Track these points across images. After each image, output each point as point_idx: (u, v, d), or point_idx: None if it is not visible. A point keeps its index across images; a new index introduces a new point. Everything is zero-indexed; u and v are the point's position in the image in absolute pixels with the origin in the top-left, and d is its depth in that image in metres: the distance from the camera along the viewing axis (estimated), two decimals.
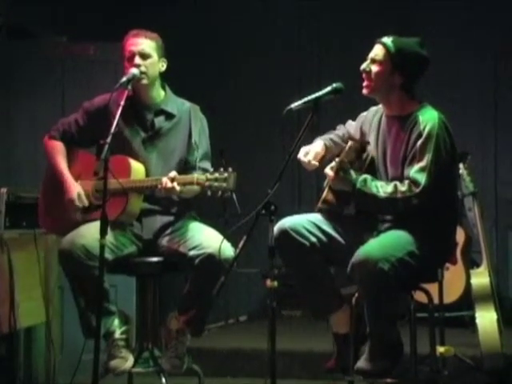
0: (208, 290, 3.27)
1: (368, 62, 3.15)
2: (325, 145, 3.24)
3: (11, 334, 3.66)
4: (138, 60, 3.42)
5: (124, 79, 3.24)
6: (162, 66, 3.50)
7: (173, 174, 3.25)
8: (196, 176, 3.21)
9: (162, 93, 3.54)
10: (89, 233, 3.25)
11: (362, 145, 3.21)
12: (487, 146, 5.62)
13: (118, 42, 5.10)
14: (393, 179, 3.12)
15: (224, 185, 3.14)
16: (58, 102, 5.09)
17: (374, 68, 3.13)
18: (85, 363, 3.20)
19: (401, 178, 3.09)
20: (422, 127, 3.07)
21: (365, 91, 3.17)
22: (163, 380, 3.36)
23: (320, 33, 5.89)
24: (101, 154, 3.07)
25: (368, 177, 3.08)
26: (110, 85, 3.40)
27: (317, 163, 3.17)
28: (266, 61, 5.87)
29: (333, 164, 3.14)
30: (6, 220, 3.62)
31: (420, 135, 3.06)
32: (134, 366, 3.38)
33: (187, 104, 3.57)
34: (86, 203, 3.39)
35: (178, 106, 3.55)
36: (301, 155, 3.17)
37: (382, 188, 3.04)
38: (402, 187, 3.02)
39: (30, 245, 3.73)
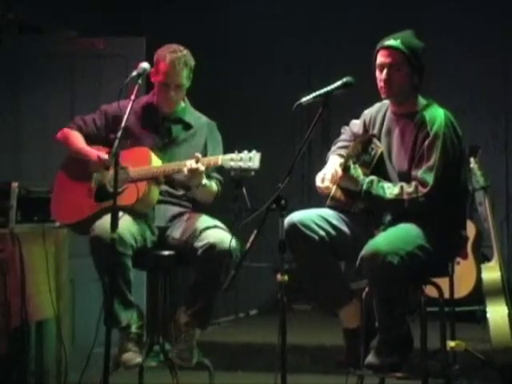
0: (212, 281, 3.30)
1: (386, 70, 3.10)
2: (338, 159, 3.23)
3: (23, 328, 3.67)
4: (173, 93, 3.46)
5: (134, 74, 3.23)
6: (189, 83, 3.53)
7: (198, 154, 3.28)
8: (221, 157, 3.26)
9: (182, 103, 3.58)
10: (121, 221, 3.24)
11: (368, 137, 3.20)
12: (498, 141, 5.60)
13: (128, 36, 5.14)
14: (400, 174, 3.13)
15: (250, 164, 3.18)
16: (68, 97, 5.10)
17: (395, 74, 3.10)
18: (95, 356, 3.21)
19: (408, 174, 3.09)
20: (429, 127, 3.07)
21: (385, 96, 3.16)
22: (174, 374, 3.37)
23: (329, 28, 5.87)
24: (111, 149, 3.08)
25: (375, 178, 3.08)
26: (119, 79, 3.41)
27: (332, 185, 3.14)
28: (275, 55, 5.86)
29: (341, 161, 3.14)
30: (17, 214, 3.63)
31: (427, 135, 3.06)
32: (144, 359, 3.40)
33: (204, 119, 3.63)
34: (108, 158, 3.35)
35: (196, 118, 3.60)
36: (318, 182, 3.17)
37: (389, 189, 3.04)
38: (409, 188, 3.02)
39: (41, 239, 3.74)
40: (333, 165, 3.22)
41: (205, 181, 3.38)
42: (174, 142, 3.53)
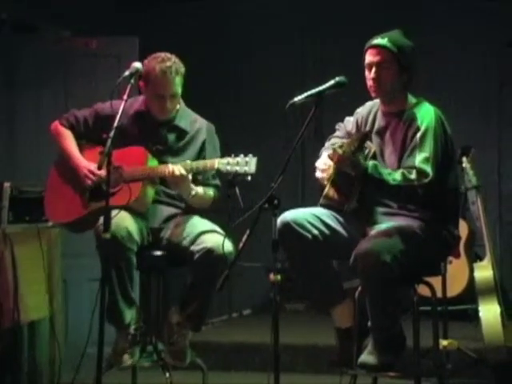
0: (207, 285, 3.30)
1: (374, 68, 3.11)
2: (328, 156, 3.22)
3: (15, 328, 3.67)
4: (169, 104, 3.44)
5: (126, 73, 3.21)
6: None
7: (182, 171, 3.29)
8: (218, 160, 3.27)
9: (177, 106, 3.53)
10: (128, 218, 3.29)
11: (365, 134, 3.19)
12: (491, 141, 5.60)
13: (121, 36, 5.14)
14: (404, 159, 3.10)
15: (246, 168, 3.19)
16: (61, 97, 5.09)
17: (383, 73, 3.11)
18: (88, 356, 3.20)
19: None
20: (419, 122, 3.07)
21: (374, 95, 3.17)
22: (167, 374, 3.37)
23: (325, 27, 5.87)
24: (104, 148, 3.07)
25: (377, 163, 3.06)
26: (112, 79, 3.40)
27: (324, 175, 3.17)
28: (269, 56, 5.86)
29: (335, 146, 3.12)
30: (9, 214, 3.63)
31: (418, 129, 3.06)
32: (138, 360, 3.40)
33: (200, 122, 3.58)
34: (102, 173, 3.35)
35: (191, 122, 3.56)
36: (318, 174, 3.20)
37: (391, 175, 3.01)
38: (411, 175, 2.99)
39: (34, 239, 3.74)
40: (323, 157, 3.21)
41: (194, 191, 3.39)
42: (168, 151, 3.50)
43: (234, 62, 5.84)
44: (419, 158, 3.01)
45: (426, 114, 3.09)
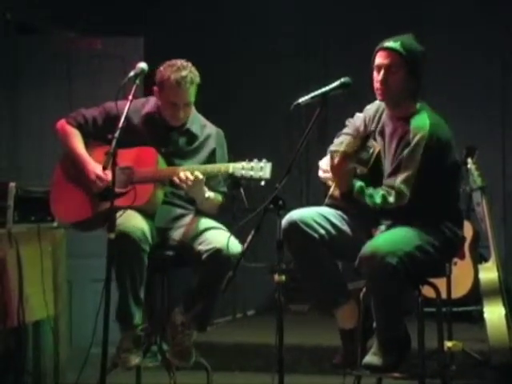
0: (214, 286, 3.30)
1: (383, 71, 3.09)
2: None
3: (20, 328, 3.67)
4: (182, 113, 3.44)
5: (132, 74, 3.21)
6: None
7: (199, 174, 3.29)
8: (232, 165, 3.26)
9: (190, 112, 3.52)
10: (141, 219, 3.30)
11: (367, 134, 3.19)
12: (495, 142, 5.60)
13: (125, 36, 5.15)
14: (388, 174, 3.12)
15: (260, 173, 3.18)
16: (65, 97, 5.10)
17: (391, 76, 3.08)
18: (93, 357, 3.21)
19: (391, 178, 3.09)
20: (411, 135, 3.03)
21: (380, 98, 3.14)
22: (171, 374, 3.37)
23: (325, 28, 5.87)
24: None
25: (363, 185, 3.04)
26: (117, 79, 3.40)
27: (327, 175, 3.19)
28: (274, 56, 5.86)
29: (337, 152, 3.12)
30: (14, 214, 3.63)
31: (408, 144, 3.03)
32: (142, 360, 3.40)
33: (209, 127, 3.58)
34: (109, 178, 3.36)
35: (201, 127, 3.56)
36: (320, 174, 3.22)
37: (371, 199, 3.00)
38: (390, 197, 2.99)
39: (39, 239, 3.74)
40: (326, 157, 3.23)
41: (207, 194, 3.40)
42: (177, 154, 3.51)
43: (237, 63, 5.84)
44: (400, 178, 3.00)
45: (420, 127, 3.03)
